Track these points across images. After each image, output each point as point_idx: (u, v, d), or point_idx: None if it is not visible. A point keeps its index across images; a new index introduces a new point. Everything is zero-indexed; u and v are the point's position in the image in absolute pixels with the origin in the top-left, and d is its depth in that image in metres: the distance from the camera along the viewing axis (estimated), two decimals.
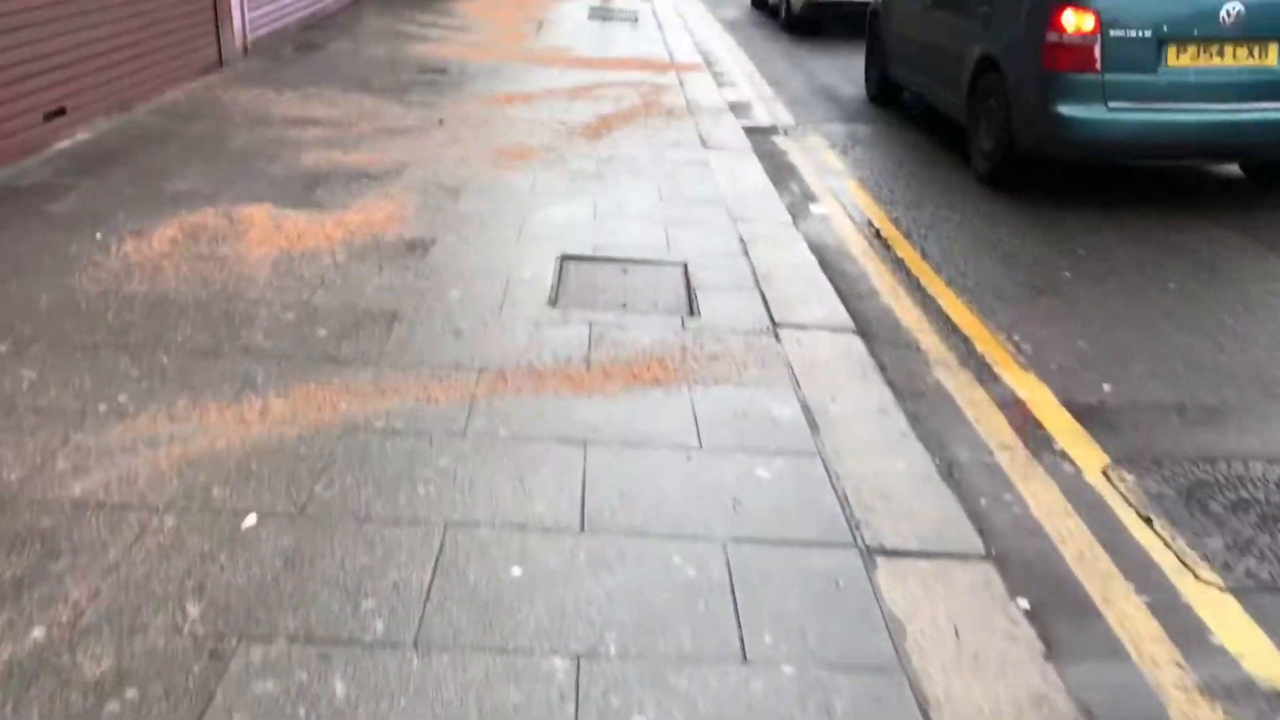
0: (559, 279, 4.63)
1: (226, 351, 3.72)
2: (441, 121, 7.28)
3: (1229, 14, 5.91)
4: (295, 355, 3.72)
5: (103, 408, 3.29)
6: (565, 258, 4.89)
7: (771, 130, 8.26)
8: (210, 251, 4.62)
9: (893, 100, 9.21)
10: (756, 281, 4.71)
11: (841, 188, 6.80)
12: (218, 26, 8.61)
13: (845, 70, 10.94)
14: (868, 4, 12.40)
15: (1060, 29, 6.06)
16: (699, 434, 3.35)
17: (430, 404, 3.44)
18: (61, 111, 6.23)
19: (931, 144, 7.91)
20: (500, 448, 3.19)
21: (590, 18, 13.40)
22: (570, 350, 3.90)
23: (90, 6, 6.48)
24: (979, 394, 4.06)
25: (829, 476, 3.17)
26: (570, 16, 13.37)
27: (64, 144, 6.14)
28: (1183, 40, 6.00)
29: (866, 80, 9.71)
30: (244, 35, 9.24)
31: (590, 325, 4.13)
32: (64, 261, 4.43)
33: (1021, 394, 4.07)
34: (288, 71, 8.81)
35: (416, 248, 4.86)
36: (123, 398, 3.36)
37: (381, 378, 3.60)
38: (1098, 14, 5.98)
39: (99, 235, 4.72)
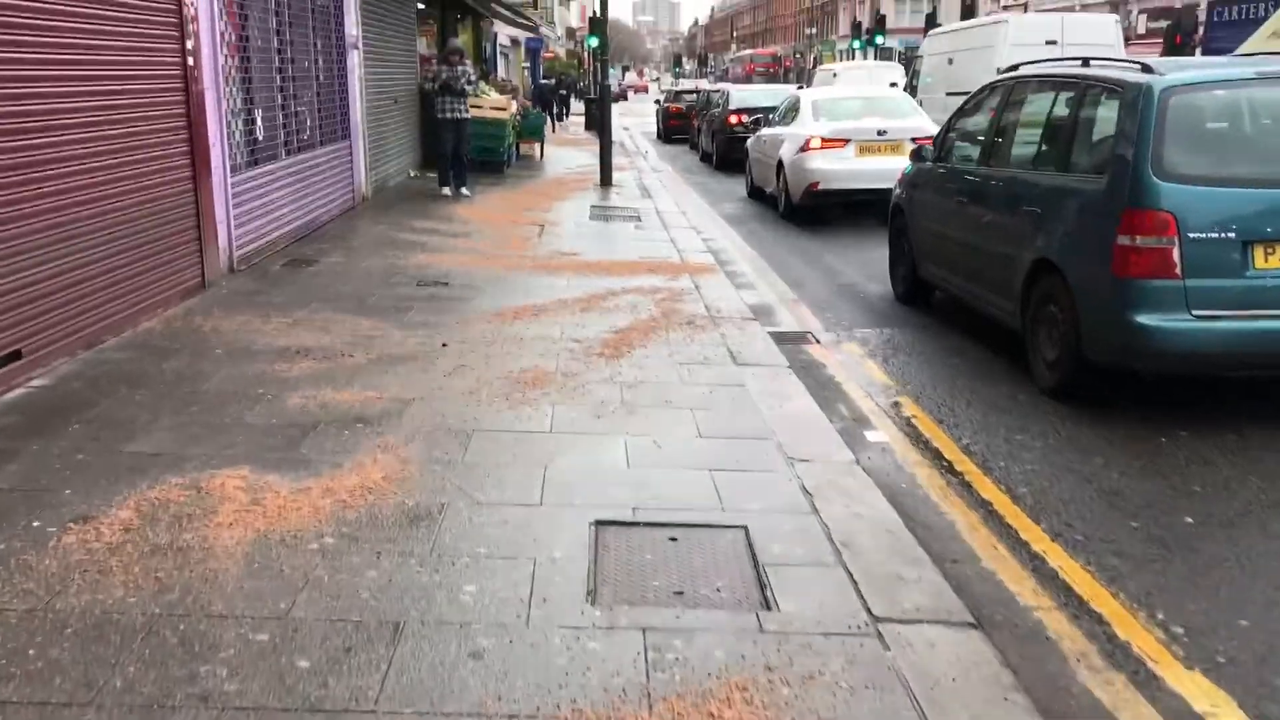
0: (596, 558, 3.80)
1: (179, 704, 2.84)
2: (445, 345, 6.59)
3: None
4: (268, 705, 2.84)
5: None
6: (600, 524, 4.08)
7: (802, 338, 7.59)
8: (171, 541, 3.79)
9: (923, 299, 8.61)
10: (837, 552, 3.88)
11: (894, 407, 6.07)
12: (201, 245, 8.03)
13: (863, 265, 10.43)
14: (867, 191, 12.12)
15: (1132, 232, 5.45)
16: None
17: None
18: (16, 355, 5.51)
19: (979, 350, 7.23)
20: None
21: (592, 218, 13.02)
22: (623, 677, 3.03)
23: (55, 238, 5.86)
24: (1145, 710, 3.17)
25: None
26: (572, 216, 12.99)
27: (15, 394, 5.38)
28: (1270, 241, 5.39)
29: (892, 278, 9.12)
30: (230, 252, 8.67)
31: (644, 633, 3.27)
32: None
33: (1198, 708, 3.19)
34: (276, 292, 8.19)
35: (421, 520, 4.05)
36: None
37: None
38: (1174, 215, 5.39)
39: (36, 523, 3.90)
